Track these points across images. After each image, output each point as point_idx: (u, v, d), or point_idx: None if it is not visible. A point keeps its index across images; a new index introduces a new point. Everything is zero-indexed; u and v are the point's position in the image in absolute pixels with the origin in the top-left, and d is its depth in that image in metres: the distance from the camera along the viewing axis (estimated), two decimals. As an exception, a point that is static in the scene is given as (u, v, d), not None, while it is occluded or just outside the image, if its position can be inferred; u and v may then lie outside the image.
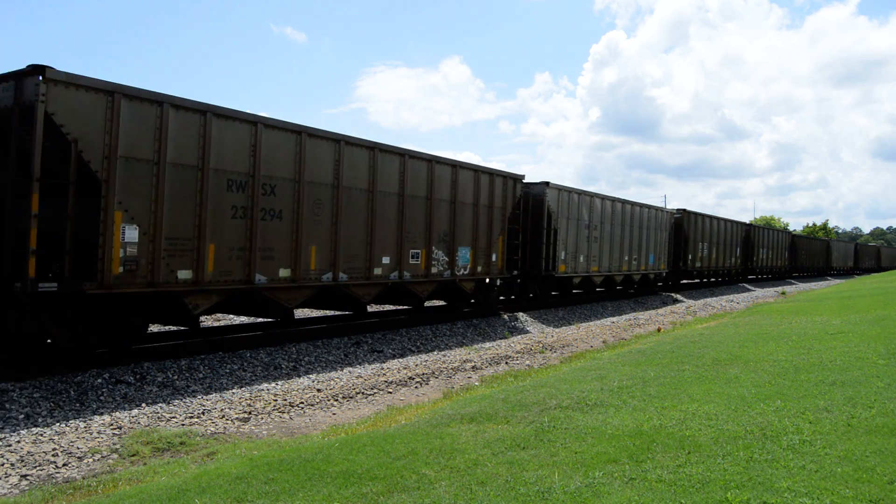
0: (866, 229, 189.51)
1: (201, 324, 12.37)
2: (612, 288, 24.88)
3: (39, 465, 6.11)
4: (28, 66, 7.90)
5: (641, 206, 25.50)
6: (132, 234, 8.83)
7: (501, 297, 18.84)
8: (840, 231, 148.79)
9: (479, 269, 15.81)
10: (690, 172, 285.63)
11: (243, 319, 14.79)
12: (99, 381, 8.51)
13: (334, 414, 8.40)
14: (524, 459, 4.95)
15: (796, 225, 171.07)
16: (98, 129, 8.40)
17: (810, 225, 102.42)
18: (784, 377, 7.61)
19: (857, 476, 4.30)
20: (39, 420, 7.24)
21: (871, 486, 4.12)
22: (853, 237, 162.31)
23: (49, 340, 8.98)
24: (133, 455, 6.48)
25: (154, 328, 12.41)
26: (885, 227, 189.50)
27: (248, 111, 10.35)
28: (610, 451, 5.04)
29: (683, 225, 29.93)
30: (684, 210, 30.39)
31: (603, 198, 22.39)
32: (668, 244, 28.30)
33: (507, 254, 16.99)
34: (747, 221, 41.71)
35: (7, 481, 5.75)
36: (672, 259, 29.14)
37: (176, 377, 9.14)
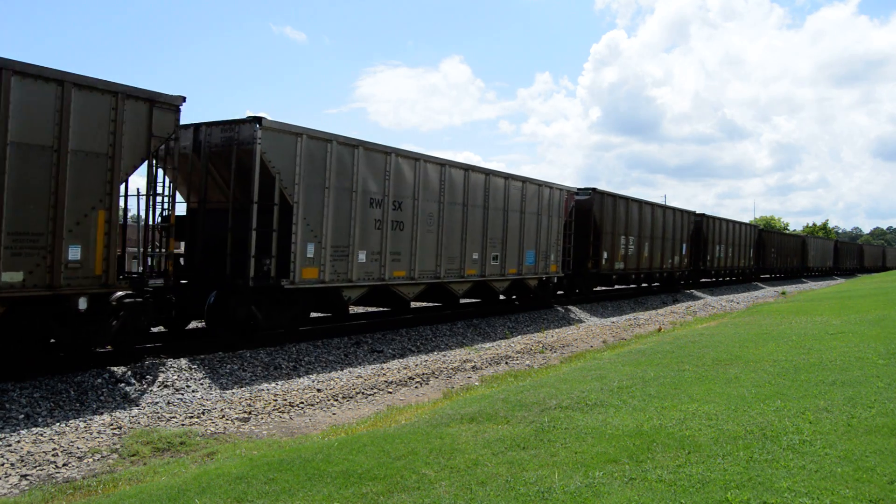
0: (866, 229, 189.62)
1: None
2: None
3: (39, 465, 6.11)
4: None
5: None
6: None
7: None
8: (840, 231, 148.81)
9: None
10: (691, 172, 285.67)
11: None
12: (99, 381, 8.51)
13: (334, 414, 8.40)
14: (524, 459, 4.95)
15: (796, 225, 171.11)
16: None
17: (810, 225, 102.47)
18: (784, 377, 7.61)
19: (857, 476, 4.30)
20: (39, 420, 7.24)
21: (871, 486, 4.12)
22: (853, 237, 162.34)
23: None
24: (133, 455, 6.48)
25: (153, 329, 12.44)
26: (885, 227, 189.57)
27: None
28: (610, 451, 5.04)
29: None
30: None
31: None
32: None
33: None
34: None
35: (7, 481, 5.75)
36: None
37: (176, 377, 9.14)
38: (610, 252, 22.76)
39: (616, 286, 25.93)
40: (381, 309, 15.92)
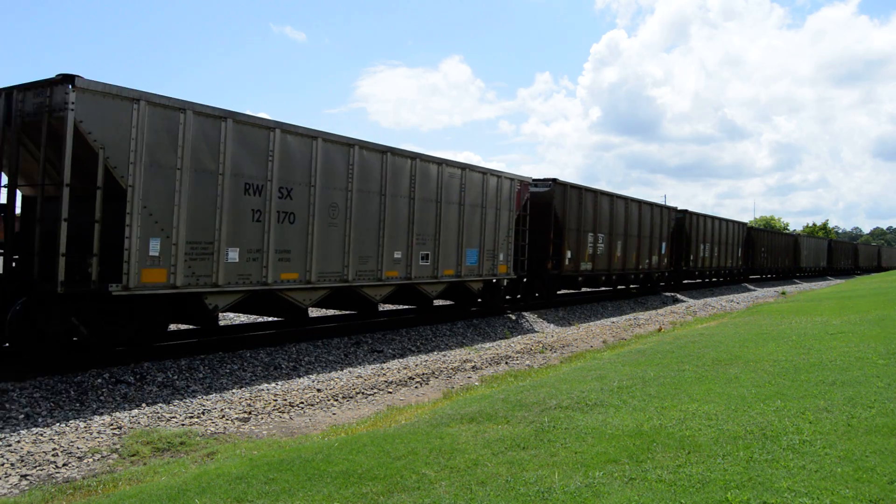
0: (866, 229, 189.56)
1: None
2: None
3: (39, 465, 6.11)
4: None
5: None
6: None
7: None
8: (840, 231, 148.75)
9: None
10: (691, 172, 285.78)
11: (247, 318, 14.78)
12: (99, 381, 8.51)
13: (334, 414, 8.40)
14: (524, 459, 4.95)
15: (796, 225, 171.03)
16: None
17: (810, 225, 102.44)
18: (784, 377, 7.61)
19: (857, 476, 4.30)
20: (39, 420, 7.24)
21: (871, 486, 4.12)
22: (853, 237, 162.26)
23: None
24: (133, 455, 6.48)
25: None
26: (885, 228, 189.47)
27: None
28: (610, 451, 5.04)
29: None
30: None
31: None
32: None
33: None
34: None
35: (7, 481, 5.75)
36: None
37: (176, 377, 9.15)
38: (575, 251, 20.55)
39: (584, 289, 23.55)
40: (270, 319, 13.55)
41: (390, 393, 9.63)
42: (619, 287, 25.54)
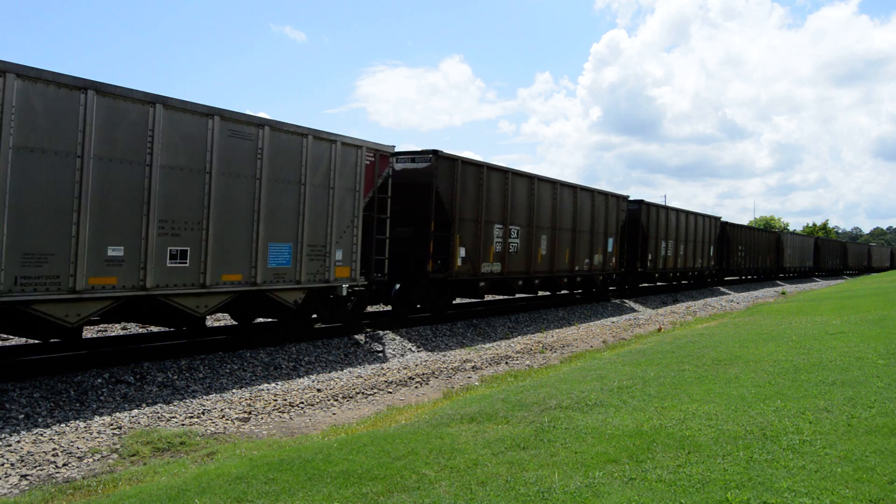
0: (867, 229, 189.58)
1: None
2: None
3: (39, 465, 6.11)
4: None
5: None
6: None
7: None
8: (840, 231, 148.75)
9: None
10: (691, 172, 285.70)
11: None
12: (99, 381, 8.51)
13: (334, 414, 8.40)
14: (524, 459, 4.95)
15: (796, 225, 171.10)
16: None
17: (810, 225, 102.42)
18: (784, 377, 7.61)
19: (857, 476, 4.30)
20: (39, 420, 7.24)
21: (871, 486, 4.12)
22: (853, 237, 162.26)
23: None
24: (133, 455, 6.48)
25: (156, 329, 12.45)
26: (885, 227, 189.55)
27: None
28: (610, 451, 5.04)
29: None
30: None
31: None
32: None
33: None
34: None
35: (7, 481, 5.75)
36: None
37: (176, 377, 9.14)
38: (472, 248, 15.57)
39: (490, 296, 19.60)
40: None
41: (390, 393, 9.63)
42: (543, 293, 21.06)
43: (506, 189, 16.87)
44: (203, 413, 7.98)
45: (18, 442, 6.56)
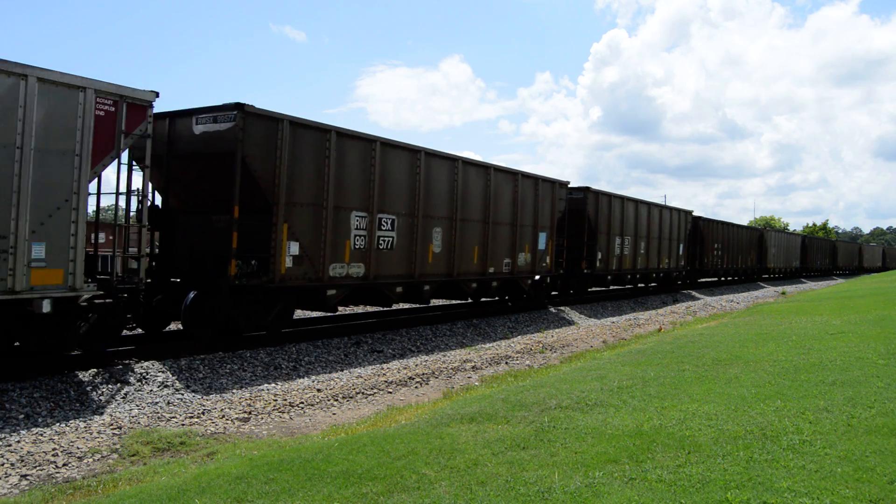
0: (867, 229, 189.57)
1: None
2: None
3: (39, 465, 6.11)
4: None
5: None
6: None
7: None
8: (840, 231, 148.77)
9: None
10: (691, 172, 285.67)
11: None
12: (99, 380, 8.51)
13: (334, 414, 8.40)
14: (524, 459, 4.95)
15: (796, 225, 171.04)
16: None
17: (810, 225, 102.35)
18: (784, 377, 7.61)
19: (857, 476, 4.30)
20: (39, 420, 7.24)
21: (871, 486, 4.12)
22: (853, 237, 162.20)
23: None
24: (133, 455, 6.48)
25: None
26: (885, 228, 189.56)
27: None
28: (610, 451, 5.04)
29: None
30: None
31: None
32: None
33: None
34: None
35: (7, 481, 5.75)
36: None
37: (176, 377, 9.14)
38: (310, 243, 11.24)
39: (348, 307, 16.06)
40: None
41: (390, 393, 9.63)
42: (443, 301, 18.52)
43: (371, 165, 12.38)
44: (203, 413, 7.98)
45: (18, 442, 6.56)
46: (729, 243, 35.36)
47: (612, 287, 24.71)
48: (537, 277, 18.67)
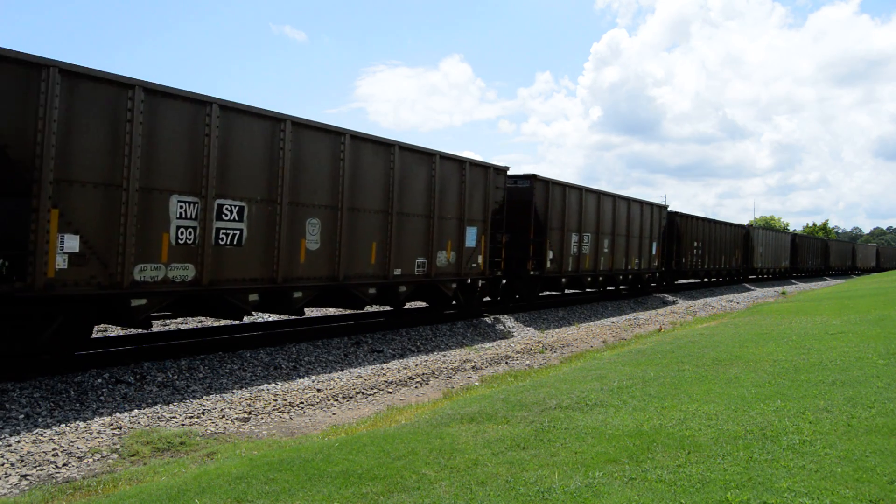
0: (867, 229, 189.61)
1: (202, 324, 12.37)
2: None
3: (39, 465, 6.11)
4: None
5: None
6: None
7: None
8: (840, 231, 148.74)
9: None
10: (691, 172, 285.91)
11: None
12: (99, 381, 8.51)
13: (334, 414, 8.40)
14: (524, 459, 4.95)
15: (796, 225, 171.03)
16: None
17: (810, 225, 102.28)
18: (784, 377, 7.61)
19: (857, 476, 4.30)
20: (39, 420, 7.24)
21: (871, 486, 4.12)
22: (853, 237, 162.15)
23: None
24: (133, 455, 6.48)
25: (148, 329, 12.44)
26: (885, 227, 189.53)
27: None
28: (610, 451, 5.04)
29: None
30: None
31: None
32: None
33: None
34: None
35: (7, 481, 5.75)
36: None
37: (176, 377, 9.14)
38: (126, 241, 8.58)
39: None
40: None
41: (390, 393, 9.63)
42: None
43: (204, 135, 9.43)
44: (203, 413, 7.98)
45: (18, 442, 6.56)
46: (711, 242, 32.68)
47: (567, 291, 21.57)
48: (468, 281, 15.72)
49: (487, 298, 18.08)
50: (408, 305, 16.56)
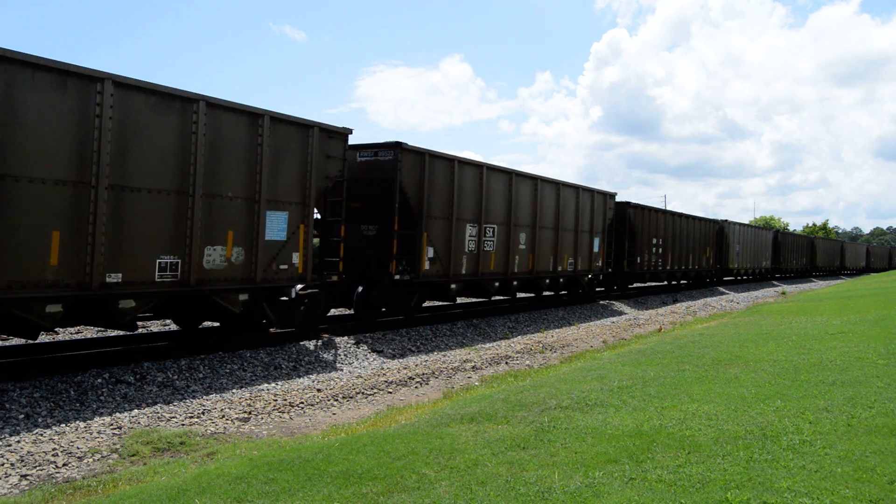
0: (867, 229, 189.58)
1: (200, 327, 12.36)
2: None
3: (39, 465, 6.11)
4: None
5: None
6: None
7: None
8: (840, 231, 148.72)
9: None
10: (691, 172, 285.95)
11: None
12: (99, 381, 8.51)
13: (334, 414, 8.40)
14: (524, 459, 4.95)
15: (796, 225, 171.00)
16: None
17: (810, 225, 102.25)
18: (784, 377, 7.61)
19: (857, 476, 4.30)
20: (39, 420, 7.24)
21: (871, 486, 4.12)
22: (854, 237, 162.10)
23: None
24: (133, 455, 6.48)
25: (149, 328, 12.39)
26: (885, 228, 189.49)
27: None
28: (610, 451, 5.04)
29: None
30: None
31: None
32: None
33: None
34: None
35: (7, 481, 5.75)
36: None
37: (176, 377, 9.14)
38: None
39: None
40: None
41: (390, 393, 9.63)
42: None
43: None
44: (203, 413, 7.98)
45: (18, 442, 6.56)
46: (675, 238, 28.01)
47: (467, 300, 18.45)
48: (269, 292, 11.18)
49: (338, 311, 14.75)
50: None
